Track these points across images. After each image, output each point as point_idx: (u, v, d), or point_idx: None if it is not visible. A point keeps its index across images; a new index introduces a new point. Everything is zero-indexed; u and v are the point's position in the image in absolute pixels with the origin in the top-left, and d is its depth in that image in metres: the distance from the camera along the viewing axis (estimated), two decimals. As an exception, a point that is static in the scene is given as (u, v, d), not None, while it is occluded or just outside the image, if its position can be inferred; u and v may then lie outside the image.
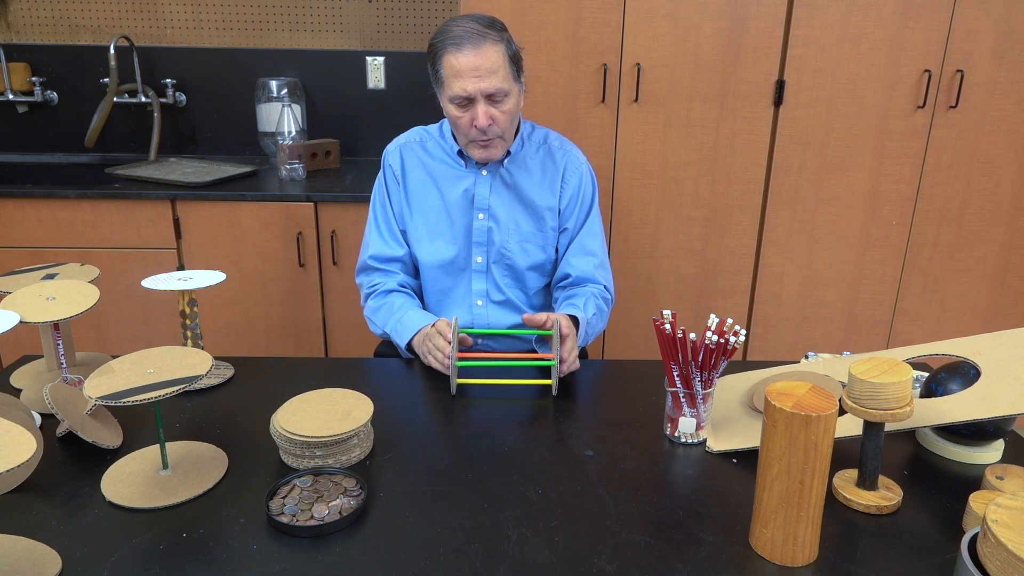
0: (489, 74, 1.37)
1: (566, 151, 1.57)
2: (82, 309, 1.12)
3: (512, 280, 1.57)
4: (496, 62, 1.37)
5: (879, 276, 2.34)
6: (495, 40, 1.38)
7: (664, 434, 1.13)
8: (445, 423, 1.17)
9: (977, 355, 1.05)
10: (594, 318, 1.49)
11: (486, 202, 1.53)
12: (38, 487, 0.98)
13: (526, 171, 1.54)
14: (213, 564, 0.84)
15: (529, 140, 1.56)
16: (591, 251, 1.57)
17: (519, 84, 1.45)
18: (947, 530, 0.92)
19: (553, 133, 1.59)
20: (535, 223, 1.55)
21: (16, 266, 1.73)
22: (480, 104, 1.39)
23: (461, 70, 1.37)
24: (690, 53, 2.11)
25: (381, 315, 1.52)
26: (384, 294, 1.54)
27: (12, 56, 2.57)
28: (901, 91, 2.15)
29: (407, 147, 1.57)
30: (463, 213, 1.53)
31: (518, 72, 1.44)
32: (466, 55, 1.36)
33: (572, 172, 1.55)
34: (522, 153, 1.54)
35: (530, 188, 1.53)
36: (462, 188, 1.53)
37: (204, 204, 2.17)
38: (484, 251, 1.55)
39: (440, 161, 1.55)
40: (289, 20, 2.61)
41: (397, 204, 1.56)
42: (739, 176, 2.23)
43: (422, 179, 1.55)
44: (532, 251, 1.55)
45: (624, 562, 0.85)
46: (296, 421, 1.03)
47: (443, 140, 1.56)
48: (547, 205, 1.54)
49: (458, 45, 1.36)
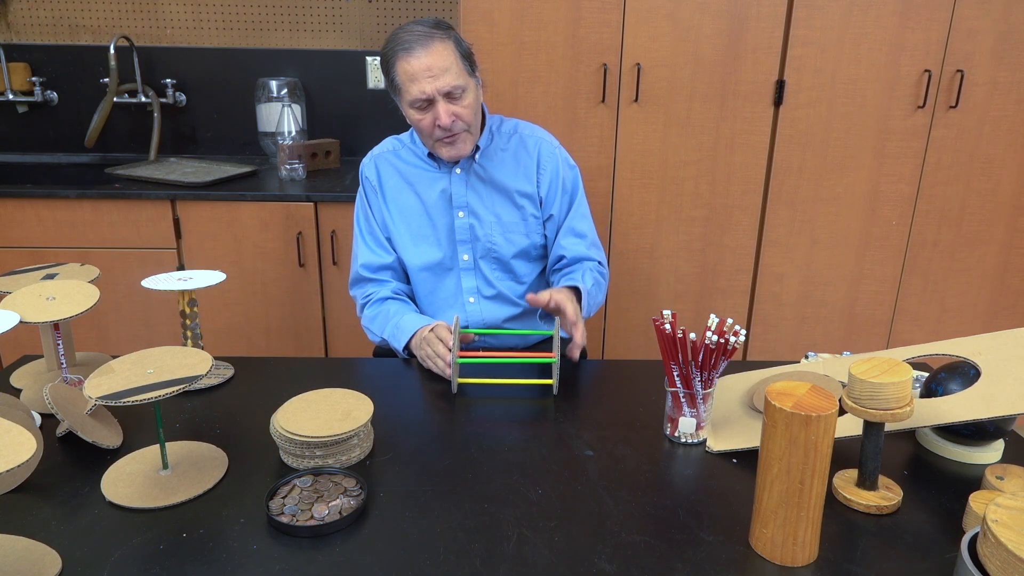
0: (443, 72, 1.38)
1: (537, 138, 1.58)
2: (82, 309, 1.12)
3: (502, 272, 1.58)
4: (447, 60, 1.39)
5: (879, 276, 2.34)
6: (442, 38, 1.40)
7: (664, 434, 1.13)
8: (445, 423, 1.17)
9: (977, 355, 1.05)
10: (593, 288, 1.50)
11: (464, 199, 1.54)
12: (38, 487, 0.98)
13: (499, 162, 1.55)
14: (213, 564, 0.84)
15: (499, 132, 1.57)
16: (581, 233, 1.58)
17: (475, 79, 1.46)
18: (947, 530, 0.92)
19: (523, 123, 1.60)
20: (516, 212, 1.55)
21: (16, 266, 1.73)
22: (440, 103, 1.41)
23: (415, 73, 1.38)
24: (690, 53, 2.11)
25: (378, 323, 1.53)
26: (379, 302, 1.55)
27: (12, 56, 2.57)
28: (901, 91, 2.15)
29: (381, 158, 1.58)
30: (443, 214, 1.54)
31: (472, 68, 1.45)
32: (417, 57, 1.38)
33: (547, 158, 1.56)
34: (492, 146, 1.55)
35: (505, 178, 1.54)
36: (439, 189, 1.54)
37: (204, 204, 2.17)
38: (469, 248, 1.56)
39: (414, 166, 1.56)
40: (289, 20, 2.61)
41: (379, 214, 1.57)
42: (739, 176, 2.23)
43: (399, 186, 1.56)
44: (516, 239, 1.56)
45: (624, 562, 0.85)
46: (296, 421, 1.03)
47: (415, 146, 1.57)
48: (525, 192, 1.55)
49: (408, 49, 1.38)
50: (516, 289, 1.60)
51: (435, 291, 1.59)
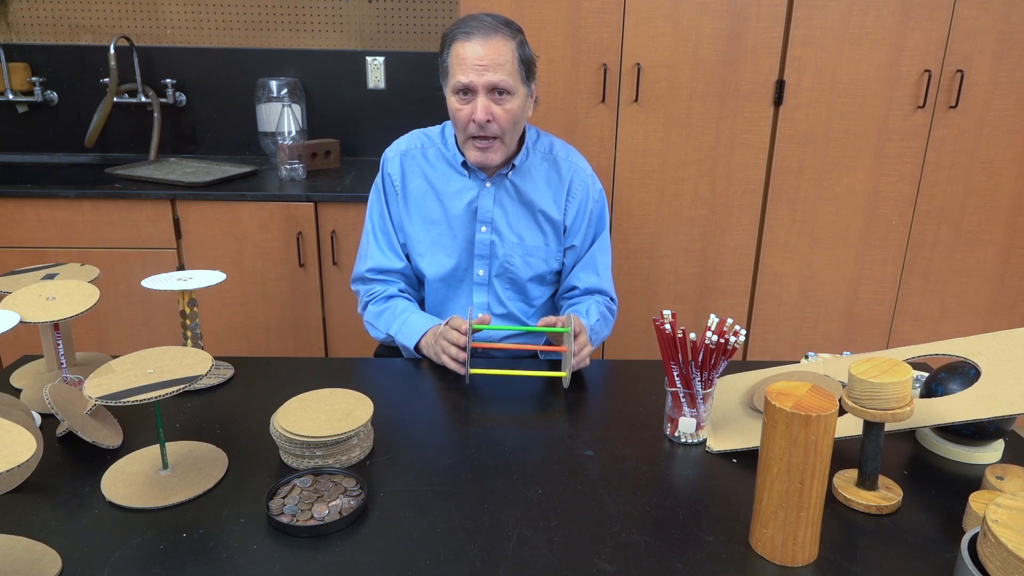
0: (495, 66, 1.34)
1: (572, 162, 1.53)
2: (82, 309, 1.12)
3: (514, 292, 1.55)
4: (503, 56, 1.34)
5: (879, 276, 2.34)
6: (506, 36, 1.35)
7: (664, 434, 1.13)
8: (445, 423, 1.17)
9: (977, 355, 1.05)
10: (598, 324, 1.48)
11: (489, 215, 1.49)
12: (38, 487, 0.98)
13: (531, 182, 1.50)
14: (213, 564, 0.84)
15: (534, 149, 1.51)
16: (600, 268, 1.55)
17: (527, 88, 1.41)
18: (947, 530, 0.92)
19: (558, 141, 1.55)
20: (539, 236, 1.52)
21: (16, 266, 1.73)
22: (481, 97, 1.36)
23: (466, 59, 1.34)
24: (690, 53, 2.11)
25: (384, 319, 1.49)
26: (385, 299, 1.52)
27: (12, 56, 2.57)
28: (901, 91, 2.15)
29: (407, 155, 1.52)
30: (465, 225, 1.50)
31: (528, 76, 1.40)
32: (473, 45, 1.34)
33: (579, 187, 1.52)
34: (527, 163, 1.50)
35: (535, 200, 1.50)
36: (465, 200, 1.49)
37: (204, 204, 2.17)
38: (486, 264, 1.52)
39: (442, 171, 1.50)
40: (289, 20, 2.61)
41: (396, 215, 1.53)
42: (739, 176, 2.23)
43: (423, 189, 1.51)
44: (535, 263, 1.53)
45: (624, 562, 0.85)
46: (296, 421, 1.03)
47: (445, 148, 1.51)
48: (552, 218, 1.51)
49: (468, 34, 1.35)
50: (526, 311, 1.57)
51: (445, 302, 1.55)
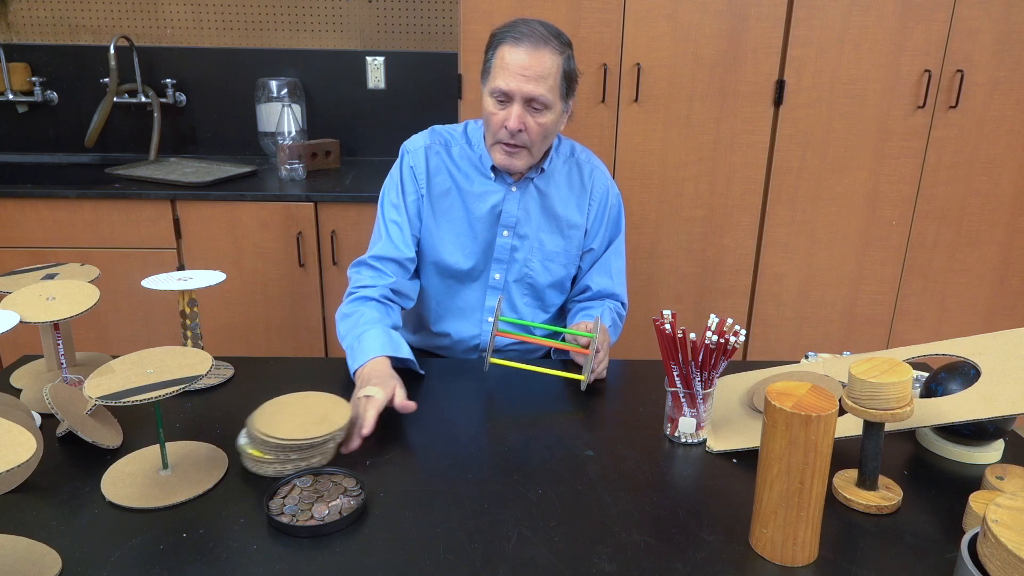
0: (537, 79, 1.33)
1: (593, 165, 1.53)
2: (82, 309, 1.12)
3: (531, 298, 1.54)
4: (548, 70, 1.33)
5: (879, 276, 2.34)
6: (554, 50, 1.34)
7: (664, 434, 1.13)
8: (445, 423, 1.17)
9: (977, 355, 1.05)
10: (609, 329, 1.47)
11: (513, 219, 1.48)
12: (38, 487, 0.98)
13: (555, 186, 1.49)
14: (213, 564, 0.84)
15: (557, 153, 1.50)
16: (613, 272, 1.55)
17: (565, 104, 1.40)
18: (947, 530, 0.92)
19: (579, 146, 1.55)
20: (561, 242, 1.51)
21: (16, 266, 1.73)
22: (516, 106, 1.34)
23: (510, 65, 1.33)
24: (690, 53, 2.11)
25: (347, 324, 1.37)
26: (362, 300, 1.40)
27: (12, 56, 2.57)
28: (901, 91, 2.15)
29: (432, 150, 1.48)
30: (487, 228, 1.48)
31: (568, 91, 1.39)
32: (520, 52, 1.32)
33: (600, 188, 1.52)
34: (551, 167, 1.49)
35: (558, 204, 1.49)
36: (489, 204, 1.47)
37: (204, 204, 2.17)
38: (504, 268, 1.50)
39: (466, 172, 1.48)
40: (289, 20, 2.61)
41: (414, 205, 1.47)
42: (739, 176, 2.23)
43: (447, 188, 1.47)
44: (554, 269, 1.52)
45: (624, 562, 0.85)
46: (273, 424, 1.02)
47: (470, 149, 1.48)
48: (574, 223, 1.50)
49: (517, 40, 1.33)
50: (540, 317, 1.56)
51: (454, 297, 1.52)
